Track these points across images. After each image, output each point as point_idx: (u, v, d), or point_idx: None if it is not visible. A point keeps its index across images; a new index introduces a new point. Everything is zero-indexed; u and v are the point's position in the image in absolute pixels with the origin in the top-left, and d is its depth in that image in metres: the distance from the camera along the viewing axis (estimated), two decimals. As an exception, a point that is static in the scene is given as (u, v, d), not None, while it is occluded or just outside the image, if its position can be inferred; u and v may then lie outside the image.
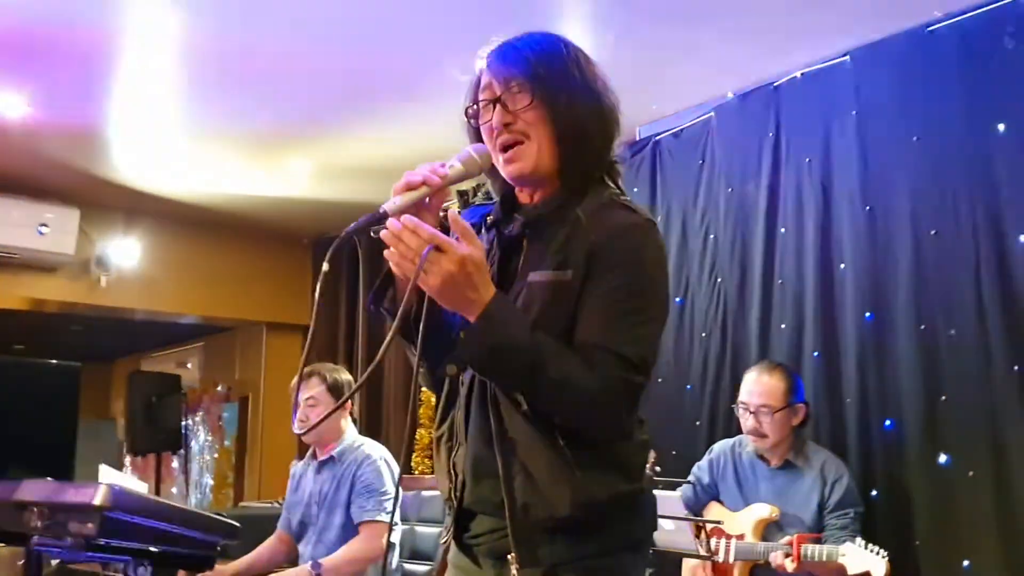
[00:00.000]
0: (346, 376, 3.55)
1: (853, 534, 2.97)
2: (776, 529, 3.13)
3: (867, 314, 3.43)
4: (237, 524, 2.34)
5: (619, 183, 1.62)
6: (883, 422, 3.34)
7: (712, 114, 4.16)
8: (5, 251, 5.54)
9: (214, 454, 8.15)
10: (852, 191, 3.54)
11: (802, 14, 3.42)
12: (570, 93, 1.53)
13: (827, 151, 3.65)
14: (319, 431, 3.42)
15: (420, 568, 3.61)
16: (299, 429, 3.27)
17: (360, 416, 5.54)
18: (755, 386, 3.23)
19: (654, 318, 1.52)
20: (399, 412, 5.88)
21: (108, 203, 5.92)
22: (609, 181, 1.60)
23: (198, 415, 8.36)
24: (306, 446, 3.72)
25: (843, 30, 3.52)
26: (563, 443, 1.45)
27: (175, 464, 8.65)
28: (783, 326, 3.71)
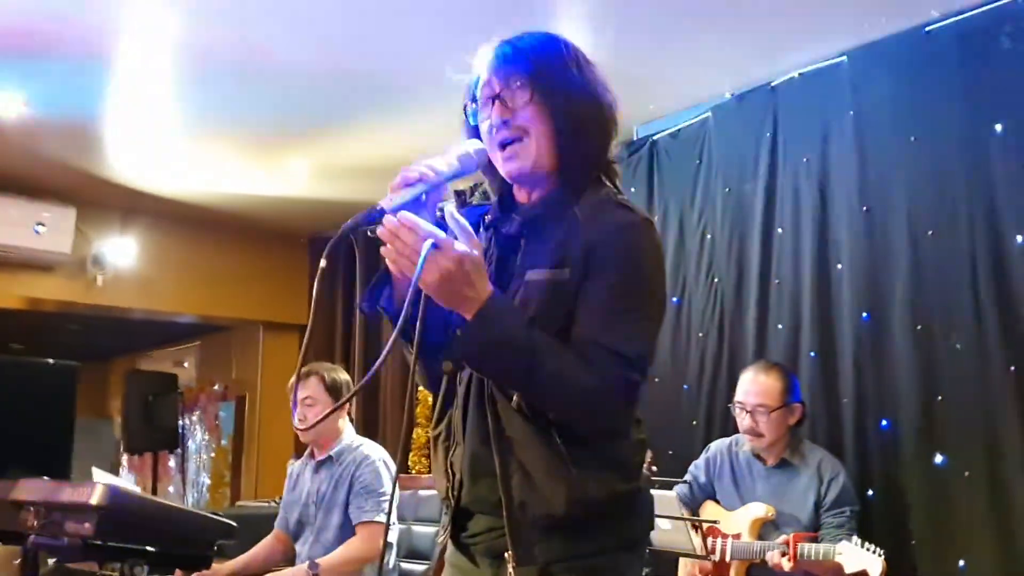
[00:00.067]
0: (344, 376, 3.55)
1: (850, 533, 2.97)
2: (772, 528, 3.13)
3: (864, 314, 3.43)
4: (234, 523, 2.34)
5: (616, 182, 1.62)
6: (879, 422, 3.34)
7: (710, 114, 4.16)
8: (1, 250, 5.52)
9: (211, 453, 8.15)
10: (849, 191, 3.54)
11: (800, 14, 3.42)
12: (569, 91, 1.54)
13: (825, 151, 3.65)
14: (317, 431, 3.41)
15: (417, 567, 3.61)
16: (300, 426, 3.26)
17: (357, 415, 5.54)
18: (751, 385, 3.23)
19: (651, 316, 1.52)
20: (396, 411, 5.87)
21: (105, 202, 5.91)
22: (607, 180, 1.60)
23: (195, 414, 8.36)
24: (303, 445, 3.72)
25: (841, 30, 3.52)
26: (560, 441, 1.45)
27: (172, 463, 8.65)
28: (780, 326, 3.71)
